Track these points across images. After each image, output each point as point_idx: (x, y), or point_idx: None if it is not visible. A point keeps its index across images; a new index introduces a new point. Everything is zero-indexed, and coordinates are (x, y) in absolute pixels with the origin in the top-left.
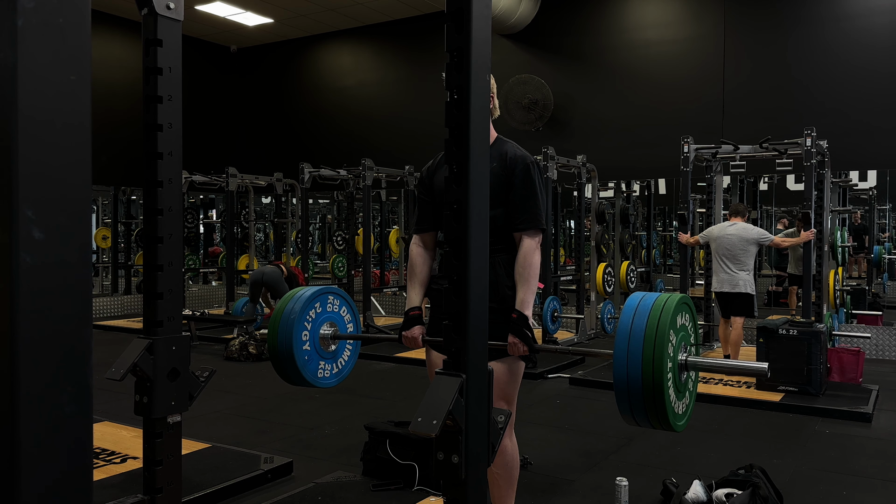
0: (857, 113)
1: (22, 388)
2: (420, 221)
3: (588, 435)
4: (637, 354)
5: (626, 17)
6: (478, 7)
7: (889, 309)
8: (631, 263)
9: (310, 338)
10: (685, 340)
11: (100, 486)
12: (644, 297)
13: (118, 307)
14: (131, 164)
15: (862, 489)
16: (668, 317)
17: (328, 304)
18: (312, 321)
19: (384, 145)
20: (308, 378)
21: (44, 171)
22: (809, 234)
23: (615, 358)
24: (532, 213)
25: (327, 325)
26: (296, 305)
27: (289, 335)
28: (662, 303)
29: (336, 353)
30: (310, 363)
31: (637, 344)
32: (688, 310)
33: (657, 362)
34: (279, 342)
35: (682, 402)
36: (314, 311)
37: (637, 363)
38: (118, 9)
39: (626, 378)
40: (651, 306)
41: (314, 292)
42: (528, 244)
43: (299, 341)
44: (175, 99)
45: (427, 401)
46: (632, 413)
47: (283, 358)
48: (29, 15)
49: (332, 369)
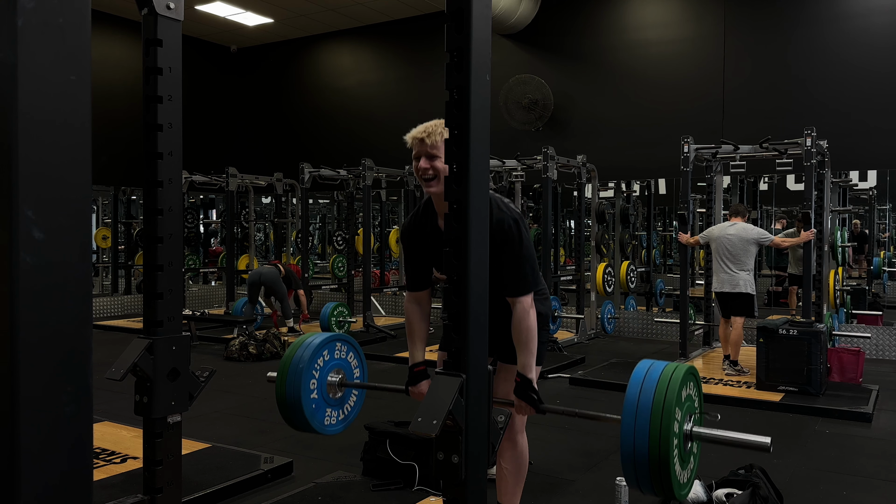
0: (857, 113)
1: (22, 387)
2: (412, 281)
3: (588, 435)
4: (644, 431)
5: (626, 17)
6: (478, 7)
7: (889, 309)
8: (631, 263)
9: (317, 386)
10: (690, 410)
11: (100, 486)
12: (651, 367)
13: (118, 307)
14: (131, 164)
15: (862, 489)
16: (674, 392)
17: (336, 352)
18: (320, 369)
19: (384, 145)
20: (315, 427)
21: (44, 171)
22: (809, 235)
23: (622, 431)
24: (522, 277)
25: (335, 372)
26: (304, 353)
27: (297, 385)
28: (669, 375)
29: (343, 399)
30: (317, 412)
31: (644, 420)
32: (693, 379)
33: (664, 441)
34: (287, 392)
35: (685, 471)
36: (322, 359)
37: (644, 439)
38: (118, 9)
39: (633, 453)
40: (658, 380)
41: (322, 340)
42: (521, 308)
43: (307, 390)
44: (175, 99)
45: (427, 401)
46: (637, 483)
47: (291, 407)
48: (29, 15)
49: (338, 416)
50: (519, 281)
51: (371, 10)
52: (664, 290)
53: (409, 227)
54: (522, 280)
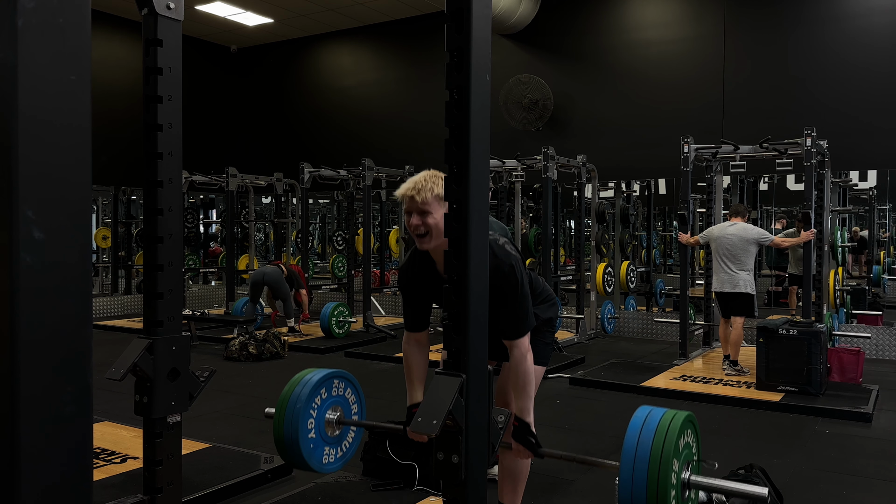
0: (856, 113)
1: (22, 387)
2: (411, 322)
3: (588, 435)
4: (642, 481)
5: (626, 17)
6: (478, 7)
7: (889, 309)
8: (631, 263)
9: (315, 425)
10: (688, 458)
11: (100, 486)
12: (649, 415)
13: (118, 307)
14: (131, 164)
15: (862, 489)
16: (671, 443)
17: (333, 389)
18: (318, 408)
19: (384, 145)
20: (313, 466)
21: (44, 171)
22: (809, 235)
23: (620, 479)
24: (519, 323)
25: (332, 409)
26: (302, 392)
27: (294, 425)
28: (666, 425)
29: (340, 437)
30: (315, 451)
31: (642, 471)
32: (690, 426)
33: (662, 490)
34: (285, 433)
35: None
36: (319, 397)
37: (641, 489)
38: (118, 9)
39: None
40: (656, 429)
41: (320, 378)
42: (518, 353)
43: (304, 430)
44: (175, 99)
45: (427, 401)
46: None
47: (289, 448)
48: (29, 15)
49: (336, 454)
50: (516, 324)
51: (371, 10)
52: (664, 290)
53: (408, 270)
54: (519, 323)
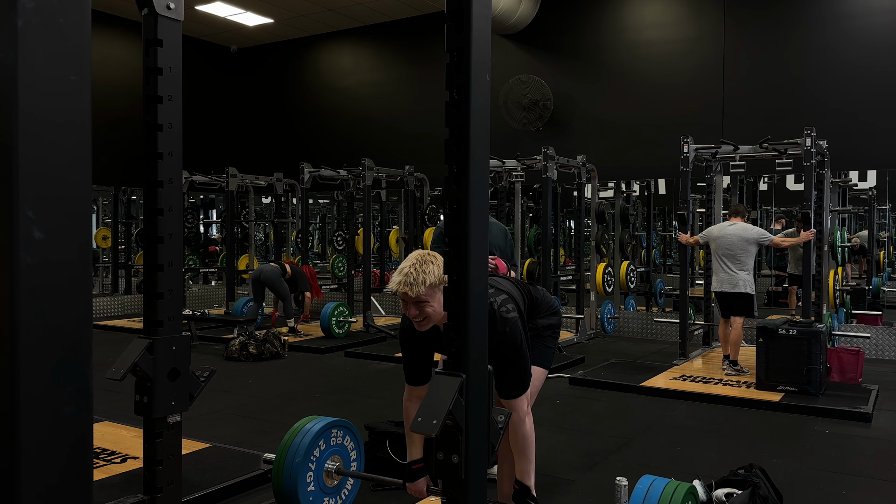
0: (856, 113)
1: (22, 387)
2: (412, 376)
3: (588, 435)
4: None
5: (626, 17)
6: (478, 7)
7: (889, 309)
8: (631, 263)
9: (314, 478)
10: None
11: (100, 486)
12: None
13: (118, 307)
14: (131, 164)
15: (862, 489)
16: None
17: (332, 439)
18: (317, 460)
19: (384, 145)
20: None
21: (44, 171)
22: (809, 235)
23: None
24: (518, 381)
25: (331, 459)
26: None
27: (293, 478)
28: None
29: (339, 486)
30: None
31: None
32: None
33: None
34: (284, 485)
35: None
36: (318, 449)
37: None
38: (118, 9)
39: None
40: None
41: (320, 429)
42: (517, 416)
43: (304, 482)
44: (175, 99)
45: (427, 401)
46: None
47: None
48: (29, 15)
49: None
50: (515, 384)
51: (371, 10)
52: (664, 290)
53: (409, 328)
54: (520, 383)
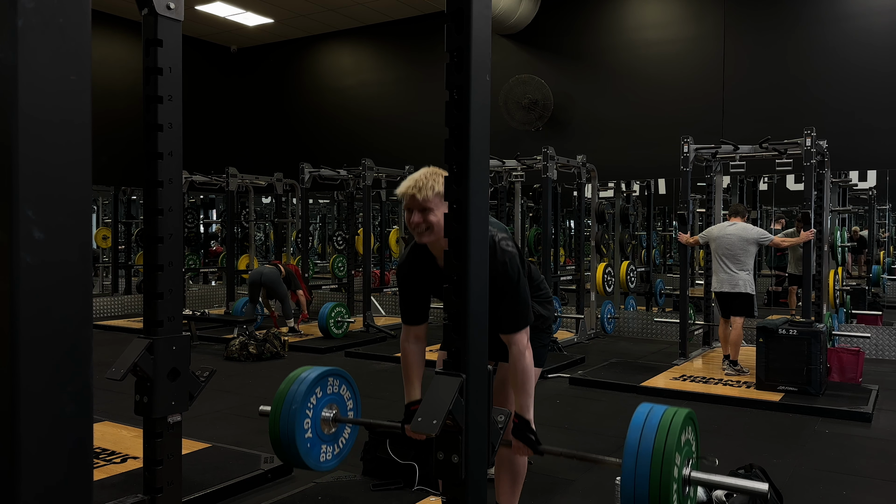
0: (856, 113)
1: (22, 387)
2: (409, 314)
3: (588, 435)
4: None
5: (626, 17)
6: (478, 7)
7: (889, 309)
8: (631, 263)
9: (311, 425)
10: (689, 455)
11: (100, 486)
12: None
13: (118, 307)
14: (131, 164)
15: (862, 489)
16: (674, 438)
17: (329, 387)
18: (314, 407)
19: (384, 145)
20: (311, 465)
21: (44, 171)
22: (809, 234)
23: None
24: (517, 315)
25: (328, 408)
26: (298, 390)
27: (291, 425)
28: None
29: (336, 434)
30: (312, 450)
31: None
32: (691, 423)
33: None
34: (281, 433)
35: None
36: (315, 396)
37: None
38: (118, 9)
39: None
40: (658, 425)
41: (316, 377)
42: (517, 349)
43: (301, 429)
44: (175, 99)
45: (427, 401)
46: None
47: (286, 447)
48: (29, 15)
49: (333, 451)
50: (514, 318)
51: (371, 10)
52: (664, 290)
53: (407, 264)
54: (518, 318)
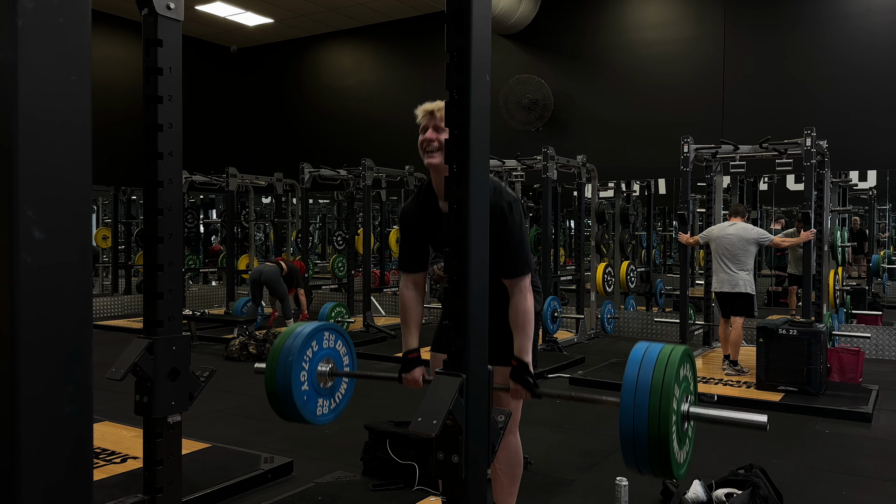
0: (856, 113)
1: (22, 387)
2: (407, 262)
3: (588, 435)
4: (643, 408)
5: (626, 17)
6: (478, 7)
7: (889, 309)
8: (631, 263)
9: (308, 377)
10: (686, 391)
11: (100, 486)
12: (648, 349)
13: (118, 307)
14: (131, 164)
15: (862, 489)
16: (672, 371)
17: (324, 341)
18: (310, 360)
19: (384, 145)
20: (307, 417)
21: (44, 172)
22: (809, 235)
23: (622, 410)
24: (520, 260)
25: (324, 361)
26: (294, 344)
27: (287, 377)
28: (667, 356)
29: (333, 388)
30: (308, 402)
31: (643, 398)
32: (689, 360)
33: (664, 417)
34: (277, 384)
35: (683, 451)
36: (311, 350)
37: (643, 417)
38: (118, 9)
39: (633, 430)
40: (656, 360)
41: (311, 330)
42: (519, 292)
43: (297, 382)
44: (175, 99)
45: (427, 401)
46: (636, 463)
47: (282, 399)
48: (29, 15)
49: (330, 405)
50: (516, 262)
51: (371, 10)
52: (664, 290)
53: (409, 209)
54: (520, 261)
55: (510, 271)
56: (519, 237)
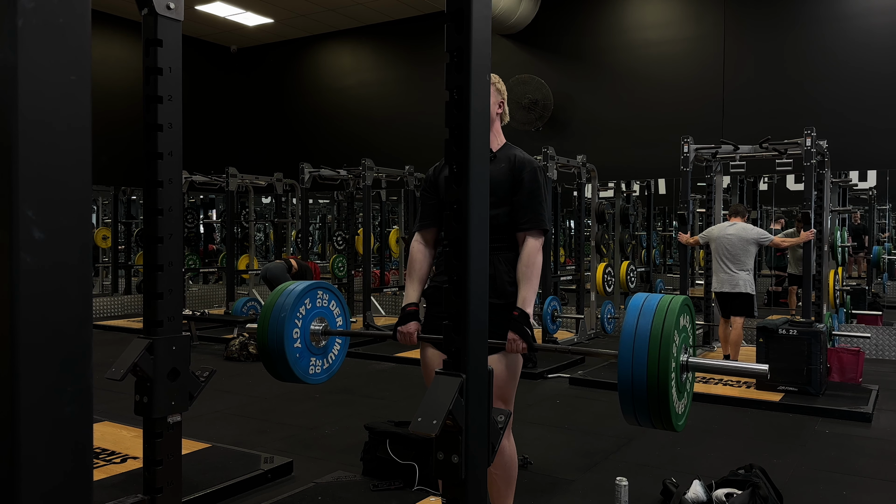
0: (856, 113)
1: (22, 388)
2: (423, 218)
3: (588, 435)
4: (643, 355)
5: (626, 17)
6: (478, 7)
7: (889, 309)
8: (631, 263)
9: (301, 335)
10: (685, 342)
11: (100, 486)
12: (648, 297)
13: (118, 307)
14: (131, 165)
15: (862, 489)
16: (672, 318)
17: (318, 300)
18: (303, 318)
19: (384, 145)
20: (299, 375)
21: (44, 172)
22: (809, 235)
23: (620, 358)
24: (537, 214)
25: (317, 320)
26: (286, 301)
27: (280, 332)
28: (667, 304)
29: (326, 348)
30: (301, 360)
31: (643, 345)
32: (688, 311)
33: (663, 364)
34: (269, 340)
35: (681, 402)
36: (304, 307)
37: (642, 364)
38: (118, 9)
39: (631, 379)
40: (655, 307)
41: (304, 288)
42: (532, 244)
43: (290, 338)
44: (175, 99)
45: (427, 401)
46: (635, 413)
47: (274, 355)
48: (29, 15)
49: (322, 365)
50: (534, 214)
51: (371, 10)
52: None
53: (435, 169)
54: (538, 215)
55: (530, 223)
56: (543, 196)
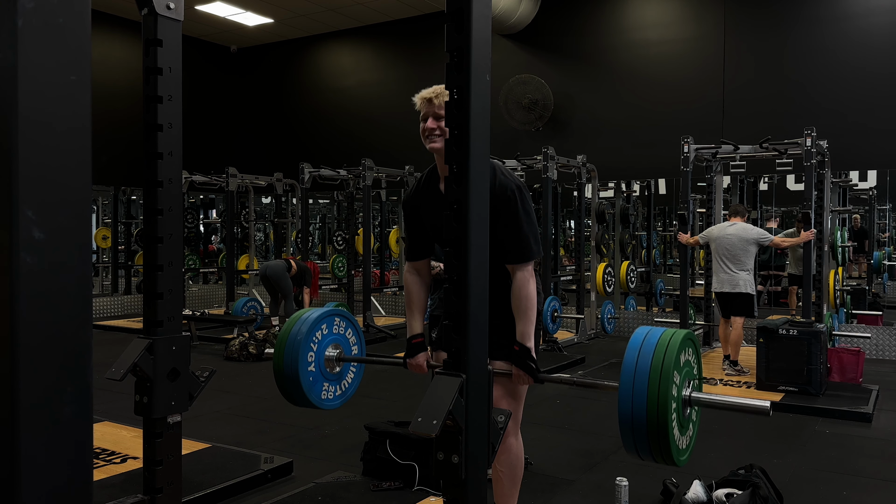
0: (856, 113)
1: (22, 388)
2: (411, 250)
3: (588, 435)
4: (642, 394)
5: (626, 17)
6: (478, 7)
7: (889, 309)
8: (631, 263)
9: (315, 360)
10: (689, 376)
11: (100, 486)
12: (649, 333)
13: (118, 307)
14: (131, 165)
15: (862, 489)
16: (672, 356)
17: (334, 326)
18: (318, 343)
19: (384, 145)
20: (313, 400)
21: (44, 172)
22: (809, 235)
23: (620, 395)
24: (523, 246)
25: (332, 346)
26: (302, 327)
27: (294, 357)
28: (667, 340)
29: (341, 374)
30: (315, 385)
31: (642, 384)
32: (691, 345)
33: (662, 403)
34: (285, 364)
35: (685, 437)
36: (320, 332)
37: (642, 402)
38: (118, 9)
39: (631, 416)
40: (656, 344)
41: (320, 315)
42: (521, 276)
43: (304, 363)
44: (175, 99)
45: (427, 401)
46: (636, 448)
47: (288, 380)
48: (29, 15)
49: (335, 391)
50: (520, 247)
51: (371, 10)
52: (664, 290)
53: (413, 194)
54: (524, 247)
55: (515, 255)
56: (527, 221)
